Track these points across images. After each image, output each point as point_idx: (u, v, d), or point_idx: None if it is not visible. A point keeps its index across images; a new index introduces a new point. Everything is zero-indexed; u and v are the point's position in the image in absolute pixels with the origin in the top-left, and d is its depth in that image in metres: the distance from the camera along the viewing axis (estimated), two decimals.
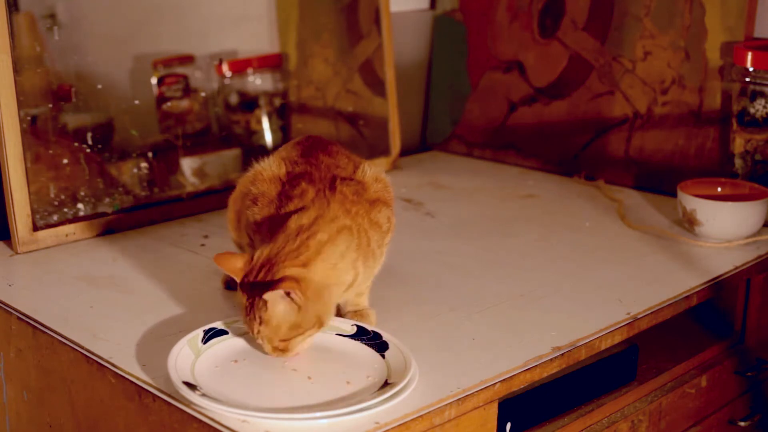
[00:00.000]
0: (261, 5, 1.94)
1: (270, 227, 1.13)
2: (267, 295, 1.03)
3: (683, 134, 1.79)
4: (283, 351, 1.07)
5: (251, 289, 1.06)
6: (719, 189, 1.61)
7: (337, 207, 1.12)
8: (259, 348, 1.10)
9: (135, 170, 1.67)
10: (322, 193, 1.13)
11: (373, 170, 1.21)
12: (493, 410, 1.11)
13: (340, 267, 1.09)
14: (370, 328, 1.15)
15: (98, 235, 1.56)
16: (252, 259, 1.08)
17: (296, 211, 1.11)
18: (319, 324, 1.07)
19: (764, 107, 1.62)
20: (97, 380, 1.13)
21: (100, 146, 1.62)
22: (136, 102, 1.73)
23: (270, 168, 1.19)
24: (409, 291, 1.34)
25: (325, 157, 1.20)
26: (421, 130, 2.23)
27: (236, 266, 1.09)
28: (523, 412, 1.19)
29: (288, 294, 1.03)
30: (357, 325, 1.16)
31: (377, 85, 2.00)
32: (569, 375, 1.24)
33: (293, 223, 1.09)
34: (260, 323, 1.05)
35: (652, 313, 1.29)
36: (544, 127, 1.99)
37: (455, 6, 2.14)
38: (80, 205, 1.56)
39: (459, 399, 1.04)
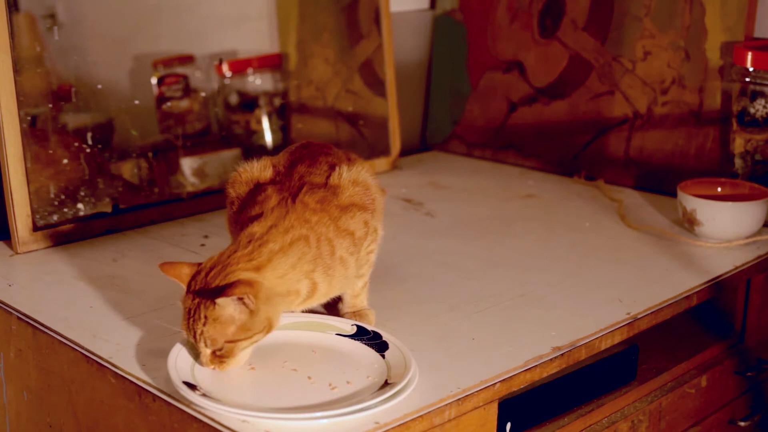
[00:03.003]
0: (261, 5, 1.94)
1: (232, 231, 1.13)
2: (220, 300, 1.00)
3: (683, 134, 1.79)
4: (222, 359, 1.04)
5: (200, 294, 1.03)
6: (719, 189, 1.61)
7: (294, 217, 1.09)
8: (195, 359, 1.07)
9: (135, 170, 1.67)
10: (284, 203, 1.11)
11: (351, 173, 1.16)
12: (493, 410, 1.11)
13: (290, 277, 1.06)
14: (369, 328, 1.15)
15: (98, 235, 1.56)
16: (199, 265, 1.06)
17: (256, 218, 1.09)
18: (268, 329, 1.05)
19: (764, 107, 1.62)
20: (97, 380, 1.13)
21: (100, 146, 1.62)
22: (136, 102, 1.73)
23: (251, 170, 1.17)
24: (408, 291, 1.34)
25: (304, 166, 1.17)
26: (421, 130, 2.22)
27: (182, 272, 1.06)
28: (523, 412, 1.19)
29: (241, 299, 1.01)
30: (357, 325, 1.16)
31: (377, 85, 2.00)
32: (569, 375, 1.24)
33: (247, 231, 1.07)
34: (204, 323, 1.02)
35: (652, 313, 1.29)
36: (544, 127, 1.99)
37: (455, 6, 2.14)
38: (80, 205, 1.56)
39: (459, 399, 1.04)
